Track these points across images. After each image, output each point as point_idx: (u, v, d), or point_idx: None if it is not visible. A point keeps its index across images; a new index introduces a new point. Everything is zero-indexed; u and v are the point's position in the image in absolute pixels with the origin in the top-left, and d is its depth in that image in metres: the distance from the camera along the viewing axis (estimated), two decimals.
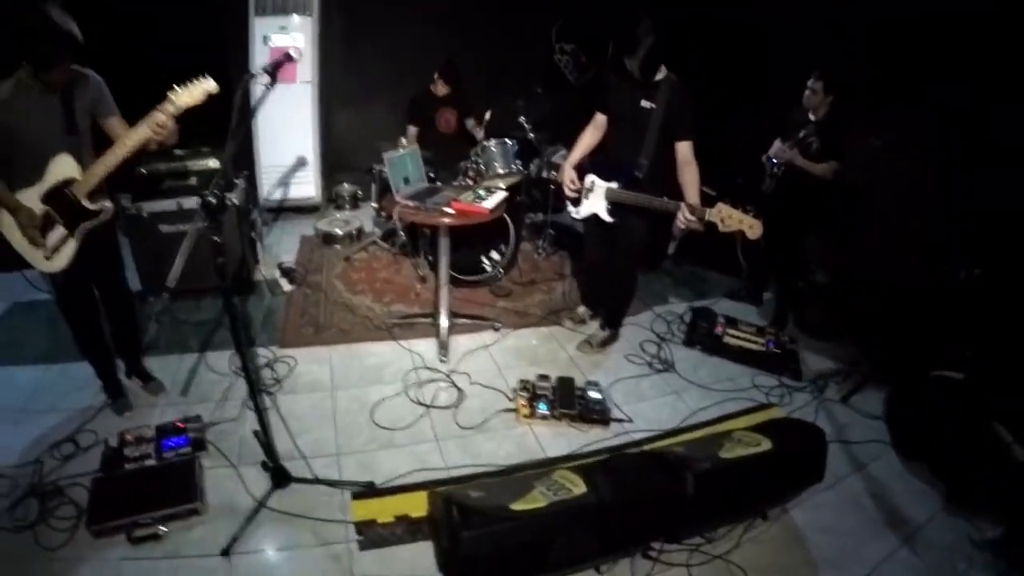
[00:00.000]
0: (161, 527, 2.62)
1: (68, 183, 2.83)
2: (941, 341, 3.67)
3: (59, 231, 2.88)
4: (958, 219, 3.99)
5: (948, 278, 3.76)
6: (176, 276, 3.85)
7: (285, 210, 6.45)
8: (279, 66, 2.62)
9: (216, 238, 2.39)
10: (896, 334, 4.03)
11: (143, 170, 4.31)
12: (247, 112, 2.73)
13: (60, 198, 2.83)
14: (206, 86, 2.70)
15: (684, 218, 3.42)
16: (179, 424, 3.14)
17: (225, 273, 2.45)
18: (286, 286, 4.88)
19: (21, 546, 2.57)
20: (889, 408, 3.69)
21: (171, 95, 2.69)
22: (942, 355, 3.54)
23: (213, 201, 2.32)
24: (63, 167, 2.82)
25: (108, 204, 3.00)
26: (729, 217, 3.29)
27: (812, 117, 4.28)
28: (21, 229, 2.81)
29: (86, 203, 2.87)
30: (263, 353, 3.95)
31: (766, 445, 2.78)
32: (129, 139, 2.75)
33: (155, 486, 2.75)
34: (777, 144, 4.48)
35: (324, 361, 3.97)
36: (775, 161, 4.44)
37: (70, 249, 2.93)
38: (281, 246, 5.72)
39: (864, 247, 4.71)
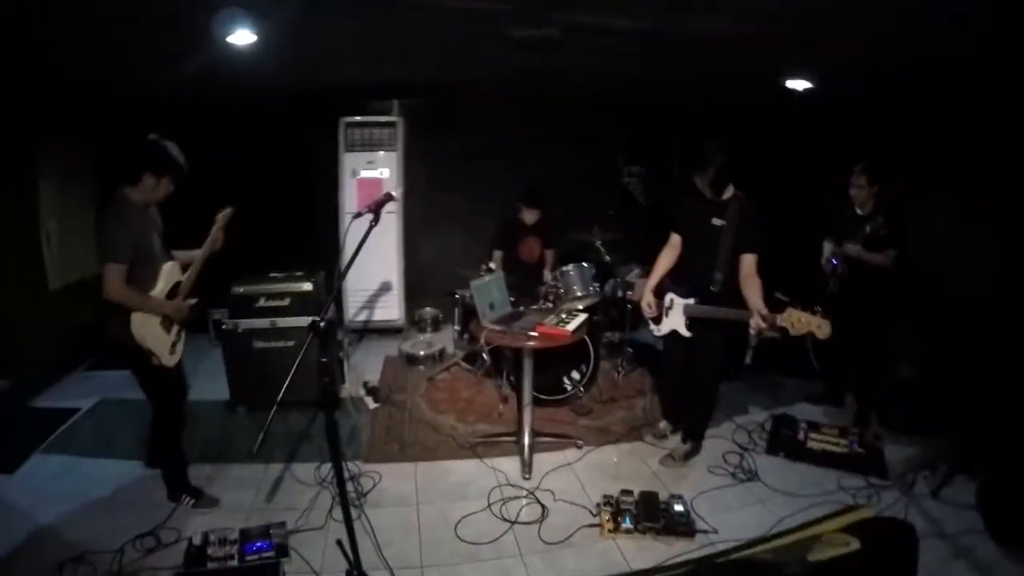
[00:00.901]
0: None
1: (177, 285, 3.31)
2: None
3: (175, 328, 3.33)
4: None
5: None
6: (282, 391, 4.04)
7: (369, 331, 6.70)
8: (381, 206, 2.88)
9: (323, 359, 2.54)
10: (989, 418, 3.88)
11: (241, 289, 4.65)
12: (352, 248, 2.96)
13: (171, 299, 3.28)
14: (230, 212, 3.48)
15: (757, 326, 3.48)
16: (263, 529, 3.19)
17: (330, 392, 2.58)
18: (371, 404, 4.98)
19: None
20: (982, 494, 3.45)
21: (217, 217, 3.45)
22: None
23: (323, 325, 2.48)
24: (175, 272, 3.31)
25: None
26: (799, 320, 3.32)
27: (860, 212, 4.32)
28: (167, 324, 3.25)
29: (190, 300, 3.37)
30: (348, 467, 3.97)
31: (855, 545, 2.71)
32: (207, 249, 3.40)
33: None
34: (828, 245, 4.51)
35: (409, 477, 3.99)
36: (835, 262, 4.46)
37: (182, 344, 3.40)
38: (366, 365, 5.89)
39: (945, 331, 4.60)
